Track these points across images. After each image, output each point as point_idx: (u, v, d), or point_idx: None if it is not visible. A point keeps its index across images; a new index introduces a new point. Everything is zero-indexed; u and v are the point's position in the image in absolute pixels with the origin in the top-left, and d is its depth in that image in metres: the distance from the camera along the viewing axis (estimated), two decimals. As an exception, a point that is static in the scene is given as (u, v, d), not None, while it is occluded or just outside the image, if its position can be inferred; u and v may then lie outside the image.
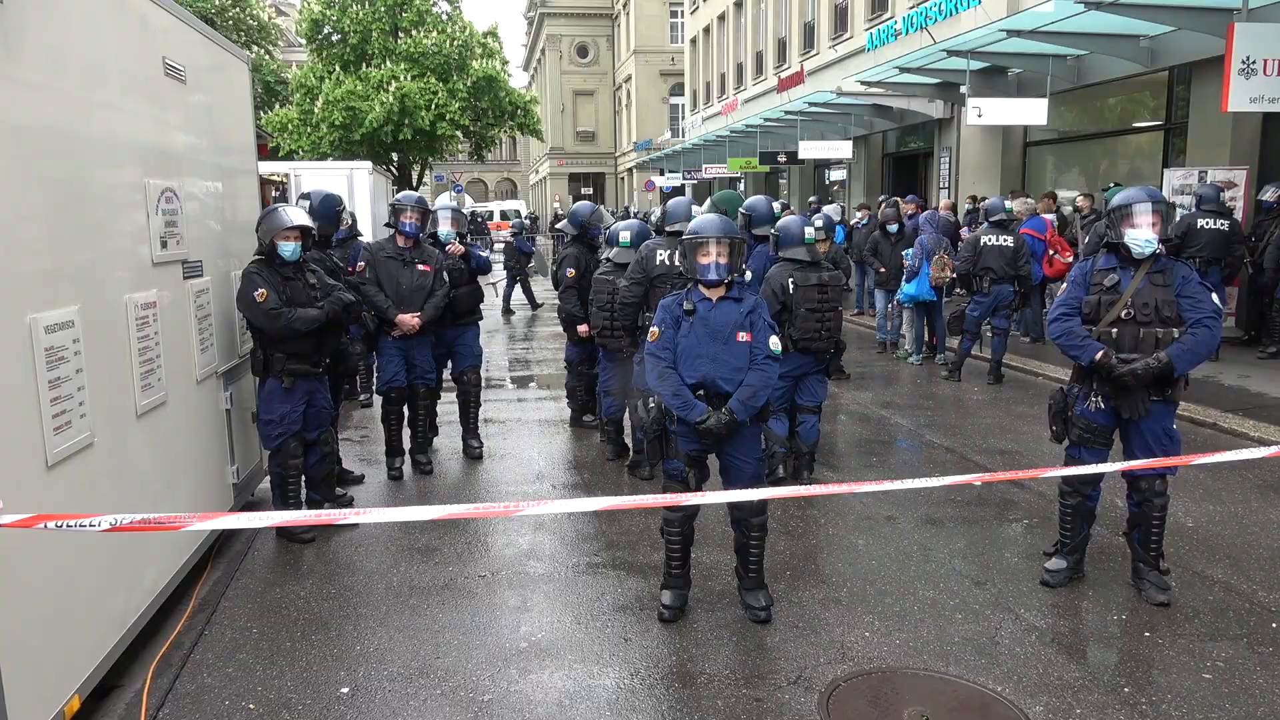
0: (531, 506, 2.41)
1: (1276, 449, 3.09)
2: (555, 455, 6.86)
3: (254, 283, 4.65)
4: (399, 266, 5.95)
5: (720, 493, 3.51)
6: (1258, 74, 8.25)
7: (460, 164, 49.65)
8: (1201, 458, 3.13)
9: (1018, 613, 4.12)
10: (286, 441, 4.89)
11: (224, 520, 2.32)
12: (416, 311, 5.95)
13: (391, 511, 2.70)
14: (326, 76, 28.59)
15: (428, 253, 6.11)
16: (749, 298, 3.96)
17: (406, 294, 5.94)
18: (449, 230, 6.57)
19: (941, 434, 7.31)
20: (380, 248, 6.11)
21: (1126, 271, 4.15)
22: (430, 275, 6.02)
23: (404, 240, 6.02)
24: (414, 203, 6.06)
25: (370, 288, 5.90)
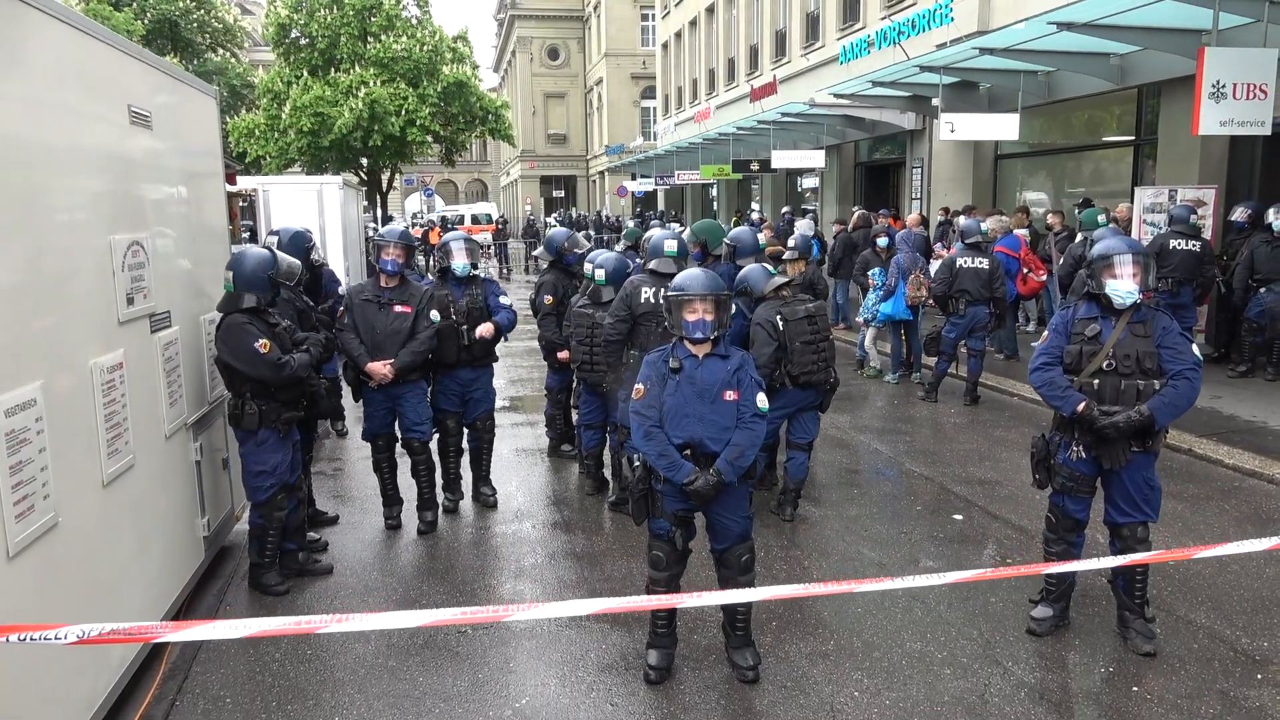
0: (521, 611, 2.32)
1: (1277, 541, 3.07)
2: (534, 489, 6.77)
3: (251, 334, 4.51)
4: (374, 310, 5.51)
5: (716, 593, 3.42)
6: (1227, 98, 8.33)
7: (431, 166, 49.30)
8: (1203, 550, 3.11)
9: (1006, 666, 4.10)
10: (276, 493, 4.76)
11: (199, 630, 2.21)
12: (390, 358, 5.47)
13: (374, 619, 2.60)
14: (294, 82, 28.24)
15: (411, 291, 5.61)
16: (736, 354, 3.90)
17: (381, 339, 5.48)
18: (464, 263, 5.95)
19: (921, 462, 7.30)
20: (359, 290, 5.71)
21: (1107, 321, 4.15)
22: (408, 317, 5.51)
23: (386, 279, 5.57)
24: (396, 238, 5.59)
25: (346, 334, 5.52)
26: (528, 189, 52.34)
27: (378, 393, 5.64)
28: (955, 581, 2.95)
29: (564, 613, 2.52)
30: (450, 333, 5.88)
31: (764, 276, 5.73)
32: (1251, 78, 8.29)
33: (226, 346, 4.56)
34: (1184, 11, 8.74)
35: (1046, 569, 3.82)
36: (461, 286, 6.03)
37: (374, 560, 5.42)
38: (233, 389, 4.68)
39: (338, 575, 5.17)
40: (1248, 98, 8.34)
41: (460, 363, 5.99)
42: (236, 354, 4.54)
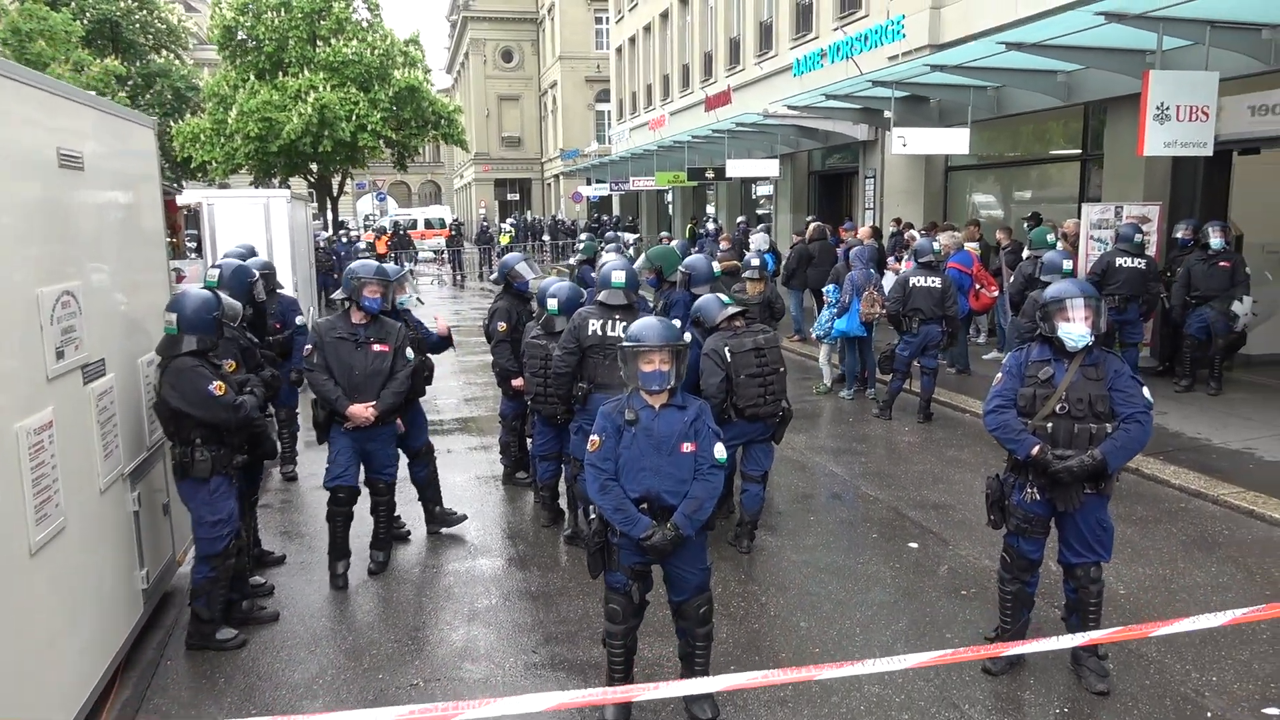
0: (471, 709, 2.24)
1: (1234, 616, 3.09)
2: (488, 521, 6.66)
3: (204, 377, 4.36)
4: (350, 349, 5.25)
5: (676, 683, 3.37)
6: (1171, 119, 8.48)
7: (383, 169, 48.71)
8: (1160, 627, 3.12)
9: (963, 709, 4.10)
10: (230, 542, 4.60)
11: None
12: (371, 400, 5.27)
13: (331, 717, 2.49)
14: (241, 85, 27.68)
15: (387, 328, 5.37)
16: (693, 404, 3.85)
17: (360, 380, 5.25)
18: (407, 295, 6.02)
19: (876, 484, 7.33)
20: (330, 327, 5.34)
21: (1060, 364, 4.17)
22: (387, 356, 5.30)
23: (360, 316, 5.29)
24: (373, 273, 5.30)
25: (318, 375, 5.24)
26: (482, 192, 51.95)
27: (348, 436, 5.36)
28: (916, 666, 2.92)
29: (520, 709, 2.43)
30: (421, 368, 5.91)
31: (717, 307, 5.70)
32: (1194, 100, 8.46)
33: (177, 392, 4.36)
34: (1128, 34, 8.89)
35: (1009, 650, 3.82)
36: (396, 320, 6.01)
37: (323, 605, 5.27)
38: (179, 437, 4.47)
39: (285, 623, 5.02)
40: (1190, 119, 8.51)
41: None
42: (190, 399, 4.36)
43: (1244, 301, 9.19)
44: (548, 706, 2.45)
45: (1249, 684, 4.26)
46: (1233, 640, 4.65)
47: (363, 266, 5.39)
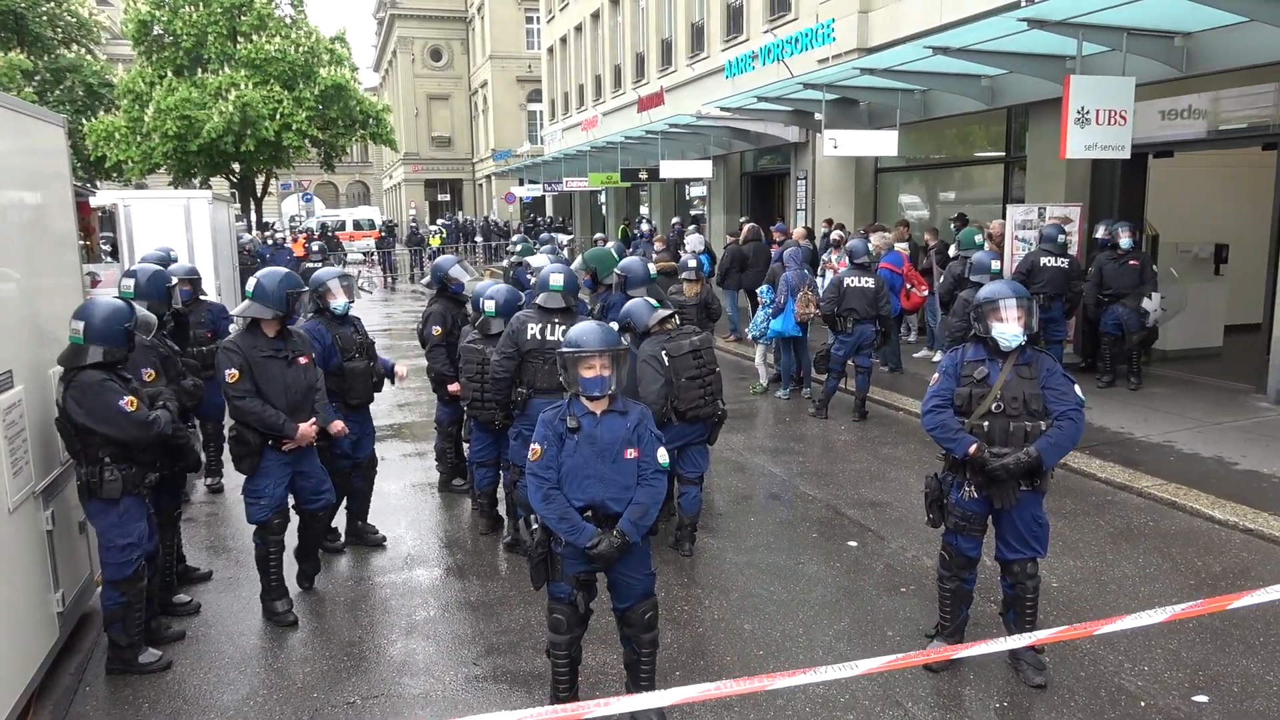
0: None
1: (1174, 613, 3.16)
2: (425, 531, 6.51)
3: (114, 391, 4.09)
4: (282, 367, 4.85)
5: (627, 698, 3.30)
6: (1091, 123, 8.74)
7: (309, 169, 47.58)
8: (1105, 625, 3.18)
9: (906, 706, 4.13)
10: (142, 565, 4.35)
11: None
12: (310, 417, 4.97)
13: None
14: (158, 82, 26.73)
15: (301, 339, 5.12)
16: (634, 409, 3.79)
17: (297, 398, 4.89)
18: (344, 301, 5.84)
19: (814, 484, 7.38)
20: (252, 346, 4.81)
21: (995, 364, 4.24)
22: (313, 368, 5.10)
23: (271, 327, 4.86)
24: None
25: (252, 402, 4.73)
26: (412, 192, 51.17)
27: (280, 460, 4.92)
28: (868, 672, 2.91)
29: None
30: (364, 373, 5.86)
31: (647, 311, 5.65)
32: (1112, 104, 8.73)
33: (83, 408, 4.09)
34: (1050, 40, 9.15)
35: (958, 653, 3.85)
36: (348, 324, 5.92)
37: (253, 622, 5.07)
38: (85, 455, 4.19)
39: (213, 642, 4.82)
40: (1109, 123, 8.78)
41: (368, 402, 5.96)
42: (99, 415, 4.09)
43: (1153, 298, 9.52)
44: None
45: (1179, 672, 4.38)
46: (1162, 631, 4.78)
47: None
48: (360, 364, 5.84)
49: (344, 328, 5.84)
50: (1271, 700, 4.13)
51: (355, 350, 5.83)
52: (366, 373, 5.89)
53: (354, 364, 5.80)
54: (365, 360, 5.89)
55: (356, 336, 5.89)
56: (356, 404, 5.88)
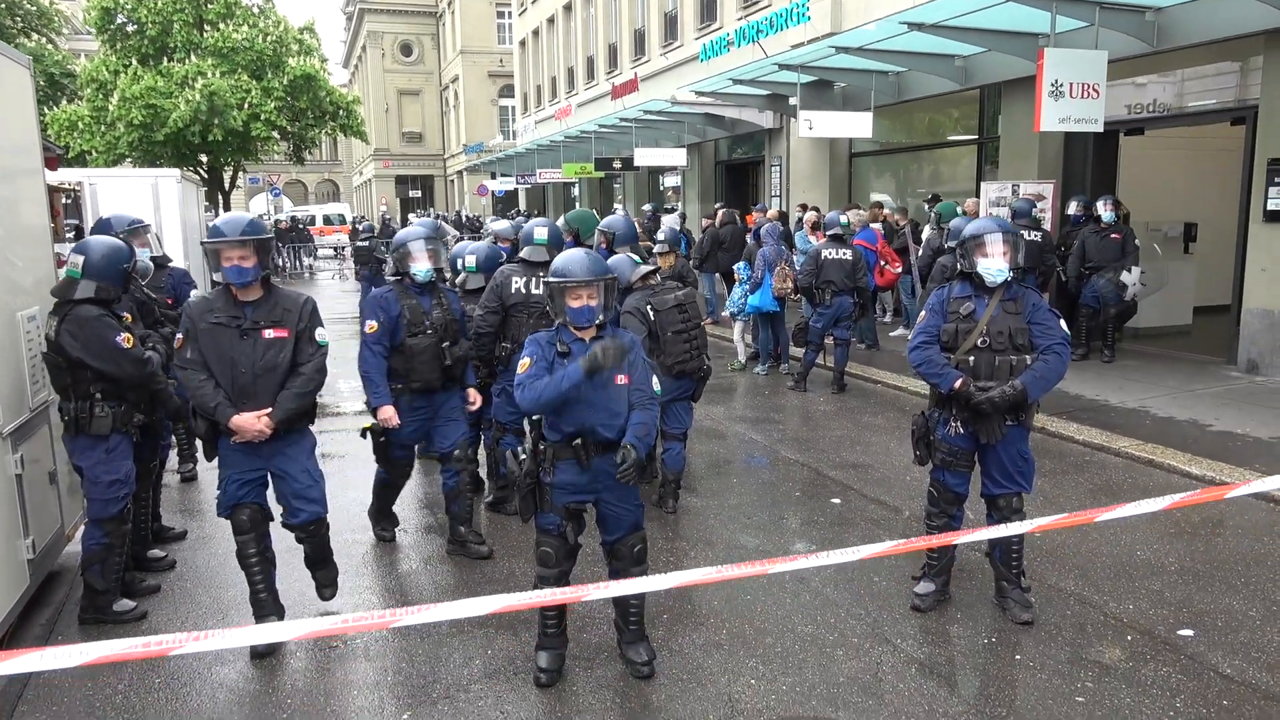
0: (409, 615, 2.09)
1: (1172, 501, 3.17)
2: (405, 493, 6.39)
3: (111, 327, 4.08)
4: (232, 338, 3.91)
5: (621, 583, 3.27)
6: (1065, 96, 8.82)
7: (277, 165, 46.97)
8: (1105, 512, 3.18)
9: (895, 643, 4.12)
10: (128, 505, 4.30)
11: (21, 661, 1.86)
12: (265, 407, 3.94)
13: (239, 634, 2.30)
14: (122, 71, 26.25)
15: (285, 305, 4.03)
16: (624, 336, 3.74)
17: (248, 379, 3.92)
18: (427, 267, 4.95)
19: (795, 449, 7.37)
20: (205, 309, 3.95)
21: (981, 300, 4.25)
22: (285, 344, 3.98)
23: (242, 291, 3.94)
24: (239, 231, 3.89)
25: (193, 375, 3.91)
26: (382, 189, 50.73)
27: (240, 451, 4.03)
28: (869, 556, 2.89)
29: (457, 614, 2.29)
30: (430, 353, 4.93)
31: (630, 266, 5.62)
32: (1085, 77, 8.82)
33: (79, 341, 4.05)
34: (1023, 14, 9.23)
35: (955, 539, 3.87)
36: (427, 294, 5.04)
37: (231, 576, 4.92)
38: (76, 390, 4.13)
39: (189, 595, 4.71)
40: (1083, 97, 8.86)
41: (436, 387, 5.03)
42: (94, 350, 4.06)
43: (1133, 272, 9.63)
44: (488, 610, 2.31)
45: (1163, 610, 4.41)
46: (1145, 573, 4.83)
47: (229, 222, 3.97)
48: (425, 341, 4.91)
49: (423, 298, 5.00)
50: (1254, 633, 4.16)
51: (427, 325, 4.93)
52: (433, 352, 4.94)
53: (417, 340, 4.89)
54: (435, 338, 4.94)
55: (436, 310, 5.00)
56: (420, 387, 4.97)
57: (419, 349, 4.92)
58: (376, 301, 4.94)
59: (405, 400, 4.96)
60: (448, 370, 5.02)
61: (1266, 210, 8.65)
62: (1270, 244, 8.67)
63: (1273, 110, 8.52)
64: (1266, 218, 8.66)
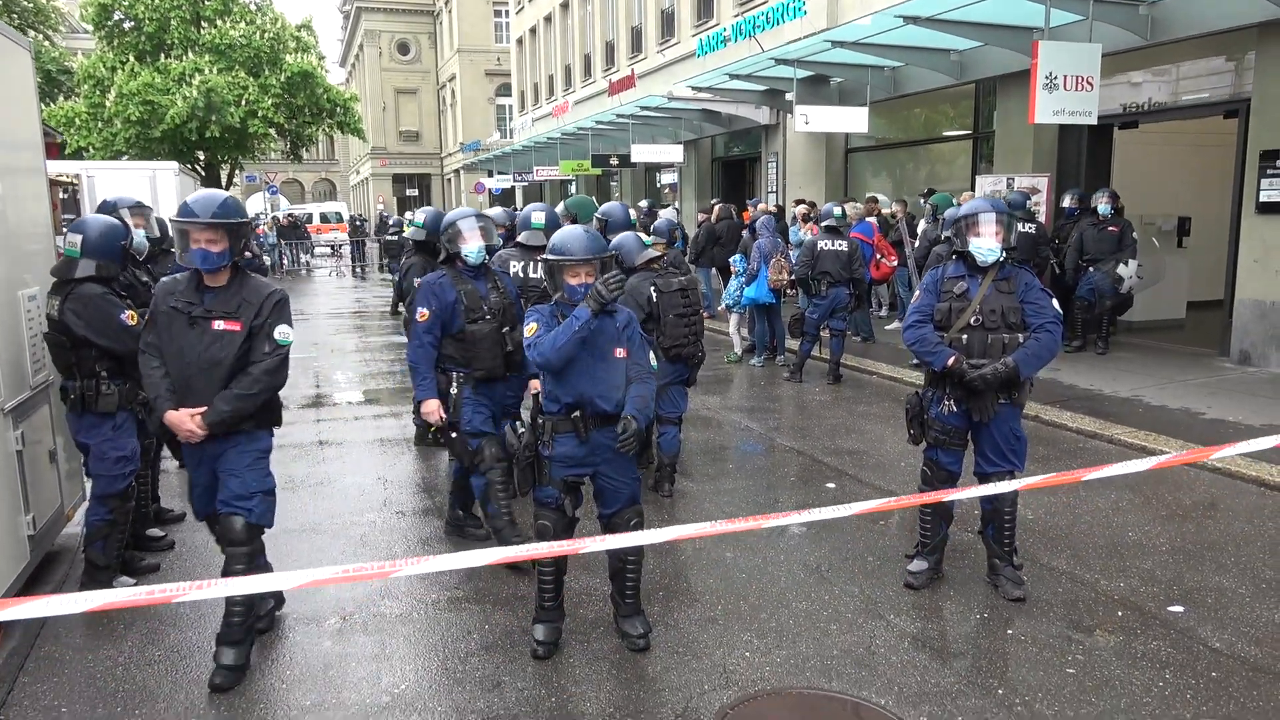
0: (410, 566, 2.12)
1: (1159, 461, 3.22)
2: (401, 478, 6.45)
3: (116, 305, 4.13)
4: (181, 326, 3.59)
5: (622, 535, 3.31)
6: (1059, 89, 8.87)
7: (274, 164, 46.90)
8: (1092, 471, 3.22)
9: (888, 619, 4.16)
10: (133, 483, 4.34)
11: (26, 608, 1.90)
12: (204, 404, 3.58)
13: (239, 583, 2.33)
14: (119, 67, 26.23)
15: (245, 296, 3.66)
16: (622, 311, 3.78)
17: (191, 373, 3.59)
18: (479, 246, 4.66)
19: (791, 437, 7.42)
20: (169, 290, 3.67)
21: (974, 279, 4.29)
22: (235, 338, 3.60)
23: (210, 277, 3.61)
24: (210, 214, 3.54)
25: (147, 359, 3.67)
26: (379, 187, 50.72)
27: (193, 449, 3.74)
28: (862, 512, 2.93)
29: (456, 565, 2.33)
30: (492, 339, 4.66)
31: (638, 247, 5.65)
32: (1080, 70, 8.87)
33: (83, 320, 4.08)
34: (1018, 8, 9.30)
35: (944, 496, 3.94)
36: (482, 278, 4.75)
37: (228, 555, 4.99)
38: (81, 369, 4.16)
39: (189, 573, 4.73)
40: (1077, 89, 8.91)
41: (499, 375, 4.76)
42: (99, 328, 4.11)
43: (1129, 265, 9.69)
44: (487, 561, 2.35)
45: (1154, 587, 4.45)
46: (1136, 553, 4.87)
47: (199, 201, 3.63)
48: (487, 327, 4.64)
49: (478, 282, 4.71)
50: (1244, 609, 4.21)
51: (486, 311, 4.65)
52: (494, 339, 4.66)
53: (478, 326, 4.62)
54: (496, 323, 4.66)
55: (493, 295, 4.73)
56: (483, 375, 4.69)
57: (479, 335, 4.63)
58: (429, 288, 4.62)
59: (469, 389, 4.69)
60: (509, 357, 4.69)
61: (1259, 202, 8.71)
62: (1262, 235, 8.73)
63: (1265, 102, 8.59)
64: (1259, 209, 8.73)
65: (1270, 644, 3.86)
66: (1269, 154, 8.56)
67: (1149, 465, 3.07)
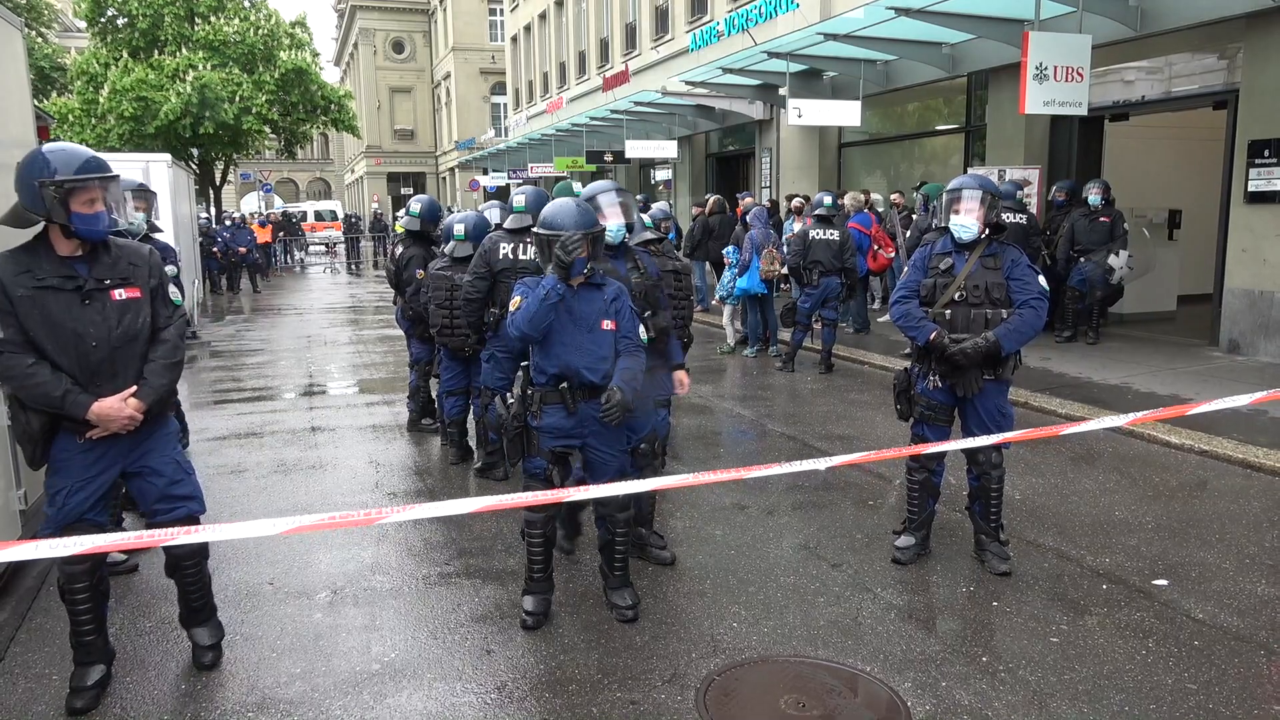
0: (395, 514, 2.15)
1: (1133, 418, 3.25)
2: (393, 462, 6.47)
3: None
4: (68, 303, 3.05)
5: (593, 488, 3.34)
6: (1049, 79, 8.91)
7: (268, 162, 46.86)
8: (1070, 427, 3.26)
9: (875, 591, 4.19)
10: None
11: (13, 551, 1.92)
12: (126, 386, 3.12)
13: (230, 529, 2.35)
14: (113, 63, 26.20)
15: (130, 259, 3.21)
16: (612, 284, 3.81)
17: (103, 355, 3.08)
18: (619, 224, 4.19)
19: (782, 423, 7.46)
20: (19, 268, 3.02)
21: (960, 255, 4.33)
22: (140, 305, 3.17)
23: (71, 245, 3.08)
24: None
25: (12, 359, 3.00)
26: (374, 186, 50.67)
27: (87, 452, 3.15)
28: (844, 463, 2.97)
29: (442, 512, 2.36)
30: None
31: (638, 226, 5.67)
32: (1070, 61, 8.91)
33: None
34: (1009, 2, 9.34)
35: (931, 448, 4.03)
36: (620, 258, 4.27)
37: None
38: None
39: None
40: (1067, 80, 8.95)
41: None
42: None
43: (1120, 256, 9.74)
44: (472, 509, 2.37)
45: (1139, 562, 4.49)
46: (1122, 531, 4.91)
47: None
48: None
49: (617, 262, 4.27)
50: (1228, 583, 4.25)
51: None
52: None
53: None
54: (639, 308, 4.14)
55: (634, 276, 4.29)
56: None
57: None
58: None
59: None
60: (651, 344, 4.17)
61: (1247, 192, 8.76)
62: (1251, 225, 8.79)
63: (1253, 93, 8.64)
64: (1248, 199, 8.78)
65: (1252, 614, 3.91)
66: (1257, 144, 8.61)
67: (1125, 421, 3.10)
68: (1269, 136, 8.48)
